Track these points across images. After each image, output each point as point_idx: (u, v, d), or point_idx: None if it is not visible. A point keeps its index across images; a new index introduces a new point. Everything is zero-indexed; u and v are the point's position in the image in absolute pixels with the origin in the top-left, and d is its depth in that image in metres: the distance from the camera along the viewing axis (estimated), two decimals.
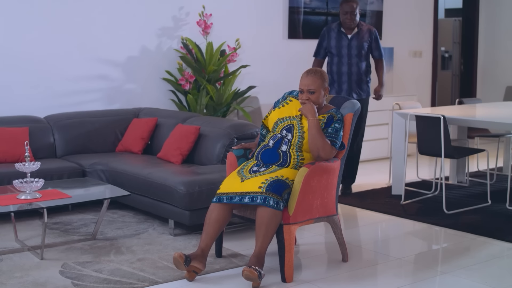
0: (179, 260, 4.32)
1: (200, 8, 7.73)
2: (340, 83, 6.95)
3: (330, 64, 7.05)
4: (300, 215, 4.54)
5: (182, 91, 7.70)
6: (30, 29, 6.91)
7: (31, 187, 4.95)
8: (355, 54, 6.92)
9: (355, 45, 6.92)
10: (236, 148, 5.05)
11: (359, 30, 6.96)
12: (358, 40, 6.93)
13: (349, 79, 6.93)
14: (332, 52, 6.99)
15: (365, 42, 6.95)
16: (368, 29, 7.00)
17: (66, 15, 7.10)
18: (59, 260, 4.85)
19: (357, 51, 6.92)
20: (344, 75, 6.93)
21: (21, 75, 6.90)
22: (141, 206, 5.90)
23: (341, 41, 6.94)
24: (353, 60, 6.93)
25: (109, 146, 6.91)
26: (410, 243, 5.64)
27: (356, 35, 6.94)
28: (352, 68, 6.93)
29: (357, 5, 6.89)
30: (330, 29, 7.05)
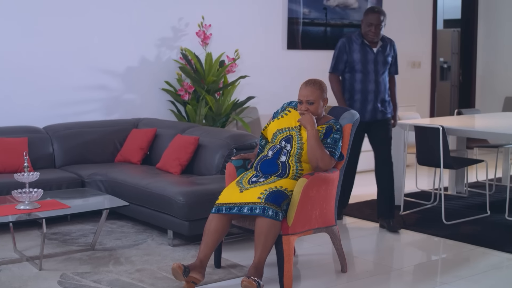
0: (178, 270, 4.31)
1: (200, 18, 7.74)
2: (364, 102, 6.10)
3: (350, 81, 6.17)
4: (299, 225, 4.54)
5: (181, 102, 7.70)
6: (29, 40, 6.92)
7: (30, 197, 4.95)
8: (382, 71, 6.14)
9: (381, 60, 6.13)
10: (235, 159, 5.05)
11: (384, 44, 6.19)
12: (384, 55, 6.15)
13: (376, 98, 6.11)
14: (354, 67, 6.12)
15: (389, 57, 6.21)
16: (390, 41, 6.28)
17: (66, 26, 7.11)
18: (58, 270, 4.84)
19: (383, 67, 6.14)
20: (371, 93, 6.10)
21: (20, 85, 6.90)
22: (140, 217, 5.89)
23: (366, 56, 6.11)
24: (380, 77, 6.12)
25: (108, 157, 6.91)
26: (409, 253, 5.63)
27: (381, 49, 6.16)
28: (380, 86, 6.12)
29: (384, 17, 6.05)
30: (350, 40, 6.18)
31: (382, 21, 6.03)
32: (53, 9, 7.01)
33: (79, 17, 7.18)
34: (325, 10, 9.11)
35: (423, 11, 10.41)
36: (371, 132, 6.22)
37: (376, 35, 6.05)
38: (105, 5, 7.33)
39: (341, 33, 9.35)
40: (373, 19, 6.02)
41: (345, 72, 6.20)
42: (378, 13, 6.03)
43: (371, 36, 6.05)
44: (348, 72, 6.18)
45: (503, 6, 10.94)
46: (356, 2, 9.44)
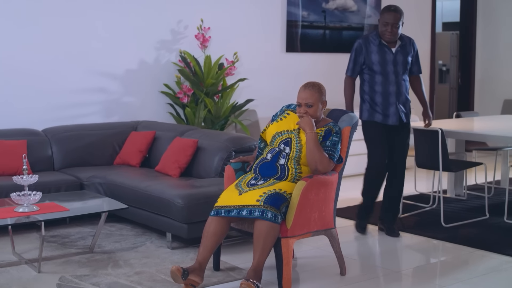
0: (177, 273, 4.31)
1: (199, 21, 7.75)
2: (385, 105, 5.86)
3: (370, 83, 5.94)
4: (298, 228, 4.54)
5: (180, 104, 7.70)
6: (28, 43, 6.92)
7: (29, 200, 4.95)
8: (402, 72, 5.88)
9: (401, 60, 5.87)
10: (234, 162, 5.05)
11: (404, 43, 5.91)
12: (404, 55, 5.89)
13: (398, 100, 5.86)
14: (373, 69, 5.87)
15: (410, 56, 5.94)
16: (409, 40, 5.99)
17: (65, 29, 7.11)
18: (57, 273, 4.84)
19: (403, 67, 5.88)
20: (392, 96, 5.85)
21: (19, 88, 6.90)
22: (139, 219, 5.89)
23: (385, 56, 5.84)
24: (400, 78, 5.86)
25: (107, 159, 6.91)
26: (408, 256, 5.63)
27: (401, 49, 5.89)
28: (401, 87, 5.87)
29: (401, 16, 5.78)
30: (368, 41, 5.91)
31: (399, 20, 5.75)
32: (52, 12, 7.02)
33: (78, 20, 7.19)
34: (324, 13, 9.12)
35: (422, 14, 10.42)
36: (393, 135, 5.97)
37: (393, 35, 5.78)
38: (104, 8, 7.34)
39: (340, 36, 9.36)
40: (389, 18, 5.74)
41: (364, 74, 5.97)
42: (395, 12, 5.75)
43: (388, 36, 5.79)
44: (367, 74, 5.95)
45: (502, 9, 10.95)
46: (355, 5, 9.45)
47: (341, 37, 9.39)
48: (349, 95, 6.04)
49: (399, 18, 5.75)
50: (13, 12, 6.82)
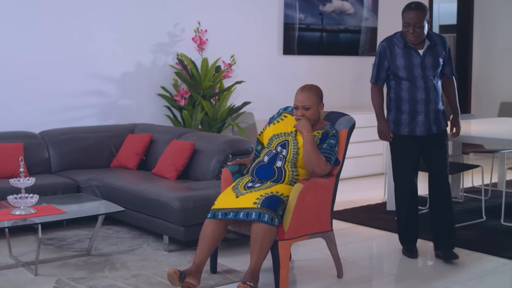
0: (174, 276, 4.31)
1: (196, 24, 7.75)
2: (413, 113, 5.25)
3: (396, 90, 5.32)
4: (295, 231, 4.54)
5: (177, 107, 7.70)
6: (24, 46, 6.91)
7: (26, 202, 4.94)
8: (431, 76, 5.20)
9: (430, 63, 5.19)
10: (231, 164, 5.05)
11: (433, 43, 5.22)
12: (433, 56, 5.21)
13: (427, 108, 5.23)
14: (399, 74, 5.24)
15: (441, 58, 5.24)
16: (440, 38, 5.28)
17: (61, 31, 7.11)
18: (54, 276, 4.83)
19: (433, 71, 5.20)
20: (420, 103, 5.22)
21: (16, 90, 6.90)
22: (136, 222, 5.89)
23: (411, 60, 5.19)
24: (430, 84, 5.20)
25: (104, 162, 6.90)
26: (405, 259, 5.63)
27: (429, 50, 5.21)
28: (430, 93, 5.22)
29: (425, 14, 5.10)
30: (392, 43, 5.29)
31: (422, 18, 5.07)
32: (49, 15, 7.01)
33: (75, 23, 7.18)
34: (321, 16, 9.13)
35: None
36: (424, 148, 5.35)
37: (416, 37, 5.12)
38: (101, 11, 7.33)
39: (337, 38, 9.37)
40: (410, 17, 5.10)
41: (390, 80, 5.35)
42: (416, 10, 5.08)
43: (410, 38, 5.14)
44: (392, 79, 5.32)
45: (498, 12, 10.96)
46: (352, 8, 9.45)
47: (338, 39, 9.39)
48: (376, 103, 5.44)
49: (422, 17, 5.07)
50: (10, 16, 6.82)
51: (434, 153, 5.34)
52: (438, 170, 5.34)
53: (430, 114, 5.26)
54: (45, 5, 6.98)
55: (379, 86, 5.41)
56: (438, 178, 5.36)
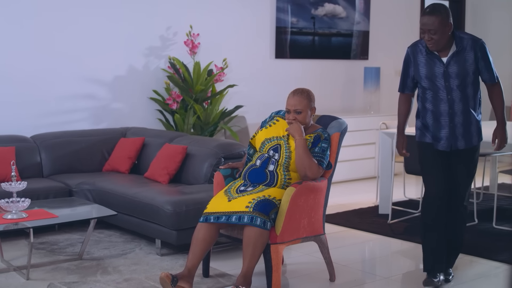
0: (166, 280, 4.30)
1: (188, 28, 7.75)
2: (436, 127, 4.77)
3: (422, 100, 4.85)
4: (287, 234, 4.54)
5: (170, 111, 7.70)
6: (17, 49, 6.90)
7: (17, 206, 4.93)
8: (456, 86, 4.63)
9: (454, 72, 4.61)
10: (223, 168, 5.05)
11: (459, 48, 4.62)
12: (460, 64, 4.61)
13: (452, 121, 4.69)
14: (422, 84, 4.77)
15: (470, 65, 4.62)
16: (472, 42, 4.64)
17: (53, 35, 7.10)
18: (45, 280, 4.82)
19: (458, 80, 4.62)
20: (444, 116, 4.71)
21: (7, 94, 6.88)
22: (128, 226, 5.88)
23: (433, 68, 4.67)
24: (455, 95, 4.65)
25: (96, 166, 6.89)
26: (398, 262, 5.64)
27: (454, 58, 4.62)
28: (455, 106, 4.67)
29: (443, 17, 4.51)
30: (416, 50, 4.78)
31: (439, 24, 4.50)
32: (41, 19, 7.00)
33: (66, 26, 7.17)
34: (313, 20, 9.14)
35: (412, 19, 10.45)
36: (452, 163, 4.82)
37: (434, 44, 4.57)
38: (93, 14, 7.33)
39: (329, 42, 9.39)
40: (424, 23, 4.57)
41: (418, 88, 4.89)
42: (430, 15, 4.53)
43: (429, 45, 4.61)
44: (419, 88, 4.86)
45: (490, 14, 11.00)
46: (344, 12, 9.47)
47: (330, 43, 9.41)
48: (400, 113, 5.10)
49: (438, 22, 4.50)
50: (1, 20, 6.80)
51: (457, 171, 4.80)
52: (456, 190, 4.81)
53: (456, 128, 4.70)
54: (37, 8, 6.97)
55: (406, 94, 4.97)
56: (454, 198, 4.82)
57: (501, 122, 4.81)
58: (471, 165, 4.84)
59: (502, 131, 4.81)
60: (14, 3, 6.84)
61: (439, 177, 4.77)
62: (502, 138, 4.81)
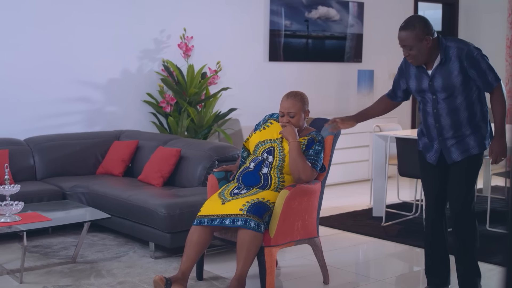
0: (160, 283, 4.30)
1: (181, 30, 7.75)
2: (429, 139, 4.51)
3: (421, 111, 4.56)
4: (281, 237, 4.55)
5: (163, 114, 7.70)
6: (10, 52, 6.89)
7: (11, 210, 4.92)
8: (443, 99, 4.32)
9: (440, 86, 4.29)
10: (217, 171, 5.05)
11: (443, 59, 4.28)
12: (444, 77, 4.27)
13: (440, 135, 4.40)
14: (416, 97, 4.51)
15: (456, 77, 4.25)
16: (457, 51, 4.27)
17: (47, 37, 7.09)
18: (39, 283, 4.81)
19: (446, 93, 4.30)
20: (432, 129, 4.44)
21: (0, 97, 6.86)
22: (122, 229, 5.88)
23: (421, 82, 4.39)
24: (441, 108, 4.34)
25: (89, 169, 6.89)
26: (392, 264, 5.64)
27: (439, 70, 4.30)
28: (442, 119, 4.36)
29: (417, 33, 4.25)
30: (408, 62, 4.50)
31: (412, 38, 4.26)
32: (35, 21, 6.99)
33: (60, 29, 7.17)
34: (306, 22, 9.15)
35: None
36: (449, 173, 4.51)
37: (413, 59, 4.33)
38: (86, 17, 7.32)
39: (323, 45, 9.40)
40: (400, 38, 4.35)
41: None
42: (404, 29, 4.29)
43: (409, 61, 4.39)
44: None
45: (482, 18, 11.03)
46: (338, 14, 9.48)
47: (323, 46, 9.42)
48: (368, 107, 4.88)
49: (414, 37, 4.26)
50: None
51: (452, 184, 4.47)
52: (454, 203, 4.47)
53: (446, 141, 4.38)
54: (30, 11, 6.97)
55: (387, 99, 4.75)
56: (454, 213, 4.47)
57: (498, 134, 4.31)
58: (463, 175, 4.41)
59: (498, 145, 4.30)
60: (7, 8, 6.83)
61: (433, 186, 4.56)
62: (497, 152, 4.31)
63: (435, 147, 4.45)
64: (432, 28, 4.34)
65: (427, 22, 4.34)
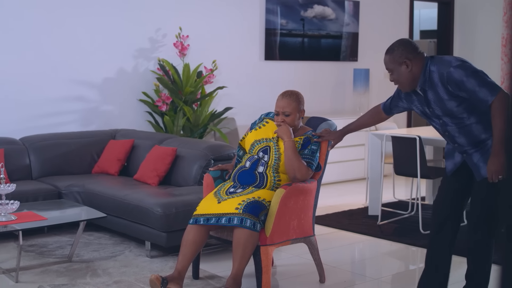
0: (156, 282, 4.30)
1: (177, 29, 7.75)
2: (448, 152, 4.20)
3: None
4: (277, 236, 4.55)
5: (159, 113, 7.69)
6: (5, 51, 6.88)
7: (6, 209, 4.92)
8: (449, 121, 4.02)
9: (439, 111, 4.01)
10: (213, 170, 5.05)
11: (425, 86, 3.98)
12: (439, 103, 3.98)
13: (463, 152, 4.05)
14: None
15: (449, 101, 3.92)
16: (438, 76, 3.91)
17: (42, 37, 7.08)
18: (35, 283, 4.81)
19: (449, 117, 3.99)
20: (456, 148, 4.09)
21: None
22: (118, 228, 5.87)
23: (423, 107, 4.08)
24: (451, 129, 4.03)
25: (85, 168, 6.88)
26: (387, 263, 5.65)
27: (431, 96, 4.00)
28: (457, 140, 4.04)
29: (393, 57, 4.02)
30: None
31: (390, 61, 4.04)
32: (29, 21, 6.98)
33: (56, 28, 7.16)
34: (302, 21, 9.15)
35: (400, 22, 10.49)
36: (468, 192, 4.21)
37: (397, 84, 4.10)
38: (82, 16, 7.31)
39: (319, 44, 9.40)
40: (385, 62, 4.10)
41: None
42: (386, 53, 4.09)
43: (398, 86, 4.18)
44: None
45: (478, 17, 11.04)
46: (333, 13, 9.48)
47: (319, 45, 9.42)
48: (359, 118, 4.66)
49: (391, 60, 4.04)
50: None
51: (471, 205, 4.16)
52: (471, 227, 4.18)
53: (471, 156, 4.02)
54: (26, 12, 6.95)
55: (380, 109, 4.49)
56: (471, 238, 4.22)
57: (494, 151, 3.86)
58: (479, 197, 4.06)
59: (494, 163, 3.84)
60: (1, 6, 6.82)
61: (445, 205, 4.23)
62: (493, 171, 3.85)
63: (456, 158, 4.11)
64: (416, 51, 4.02)
65: (408, 45, 4.04)
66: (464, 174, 4.10)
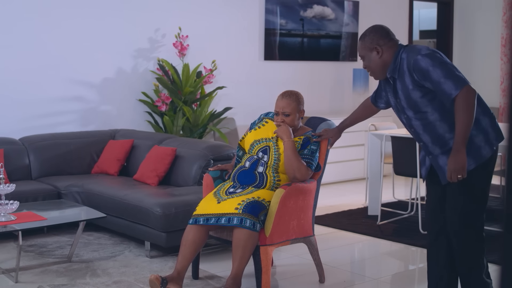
0: (156, 282, 4.30)
1: (177, 29, 7.75)
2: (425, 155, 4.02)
3: None
4: (277, 236, 4.55)
5: (159, 113, 7.69)
6: (4, 51, 6.88)
7: (6, 209, 4.91)
8: (413, 117, 3.88)
9: (404, 103, 3.89)
10: (213, 170, 5.05)
11: (397, 66, 3.87)
12: (404, 93, 3.85)
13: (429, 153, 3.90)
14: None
15: (413, 91, 3.79)
16: (406, 63, 3.82)
17: (41, 37, 7.08)
18: (34, 283, 4.80)
19: (412, 111, 3.85)
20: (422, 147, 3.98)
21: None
22: (117, 228, 5.87)
23: (386, 87, 4.04)
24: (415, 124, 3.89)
25: (84, 168, 6.88)
26: (387, 263, 5.65)
27: (398, 74, 3.88)
28: (422, 137, 3.89)
29: (364, 43, 3.96)
30: None
31: (362, 48, 3.97)
32: (29, 21, 6.98)
33: (55, 28, 7.16)
34: (301, 21, 9.15)
35: (399, 22, 10.49)
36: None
37: (370, 71, 4.00)
38: (81, 16, 7.31)
39: (318, 44, 9.40)
40: (358, 49, 4.04)
41: None
42: (359, 40, 4.03)
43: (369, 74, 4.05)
44: None
45: (477, 17, 11.05)
46: (333, 13, 9.48)
47: (319, 45, 9.42)
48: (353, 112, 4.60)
49: (362, 47, 3.97)
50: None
51: (447, 204, 3.95)
52: (449, 226, 3.95)
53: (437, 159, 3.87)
54: (24, 11, 6.95)
55: (370, 103, 4.39)
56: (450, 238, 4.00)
57: (455, 149, 3.64)
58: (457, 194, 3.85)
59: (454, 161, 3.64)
60: (1, 6, 6.82)
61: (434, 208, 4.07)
62: (452, 170, 3.65)
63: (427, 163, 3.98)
64: (387, 38, 3.95)
65: (380, 31, 3.97)
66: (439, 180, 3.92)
